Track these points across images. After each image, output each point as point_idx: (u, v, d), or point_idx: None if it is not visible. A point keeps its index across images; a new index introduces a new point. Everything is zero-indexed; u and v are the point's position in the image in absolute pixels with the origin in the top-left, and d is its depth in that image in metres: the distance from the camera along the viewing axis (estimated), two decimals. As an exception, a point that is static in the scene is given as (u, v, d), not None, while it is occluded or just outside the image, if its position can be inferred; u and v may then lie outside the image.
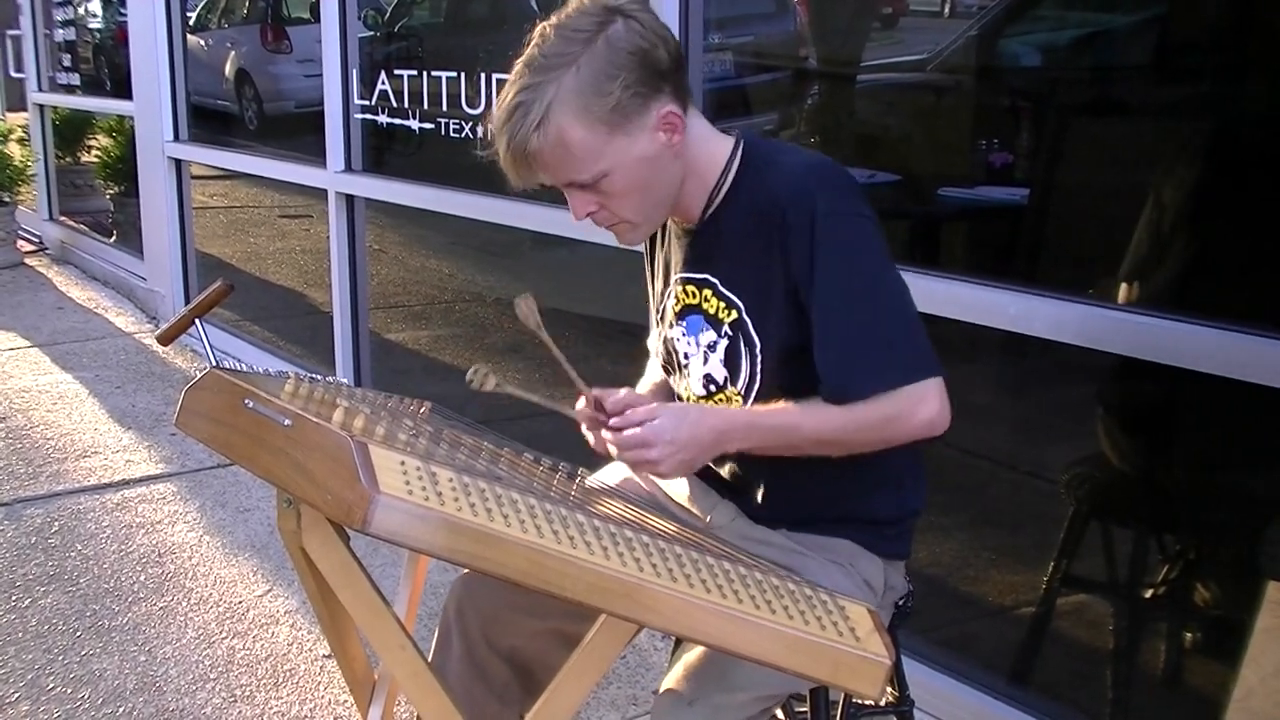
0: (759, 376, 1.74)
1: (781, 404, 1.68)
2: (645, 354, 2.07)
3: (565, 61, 1.61)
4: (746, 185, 1.74)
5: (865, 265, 1.65)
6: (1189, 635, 2.46)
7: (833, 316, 1.64)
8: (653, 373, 2.05)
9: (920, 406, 1.61)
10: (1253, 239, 2.20)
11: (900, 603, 1.92)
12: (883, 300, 1.65)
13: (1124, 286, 2.33)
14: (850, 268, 1.64)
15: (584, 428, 1.79)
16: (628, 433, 1.65)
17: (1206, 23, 2.35)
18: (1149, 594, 2.47)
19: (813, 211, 1.63)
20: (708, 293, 1.79)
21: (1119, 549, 2.49)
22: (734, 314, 1.75)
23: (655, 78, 1.64)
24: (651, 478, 1.94)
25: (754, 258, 1.71)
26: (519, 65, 1.65)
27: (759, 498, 1.84)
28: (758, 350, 1.73)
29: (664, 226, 1.90)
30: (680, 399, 1.89)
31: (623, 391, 1.78)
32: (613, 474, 1.96)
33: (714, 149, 1.77)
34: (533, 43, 1.65)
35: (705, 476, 1.91)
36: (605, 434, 1.69)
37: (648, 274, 2.00)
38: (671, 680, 1.66)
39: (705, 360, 1.80)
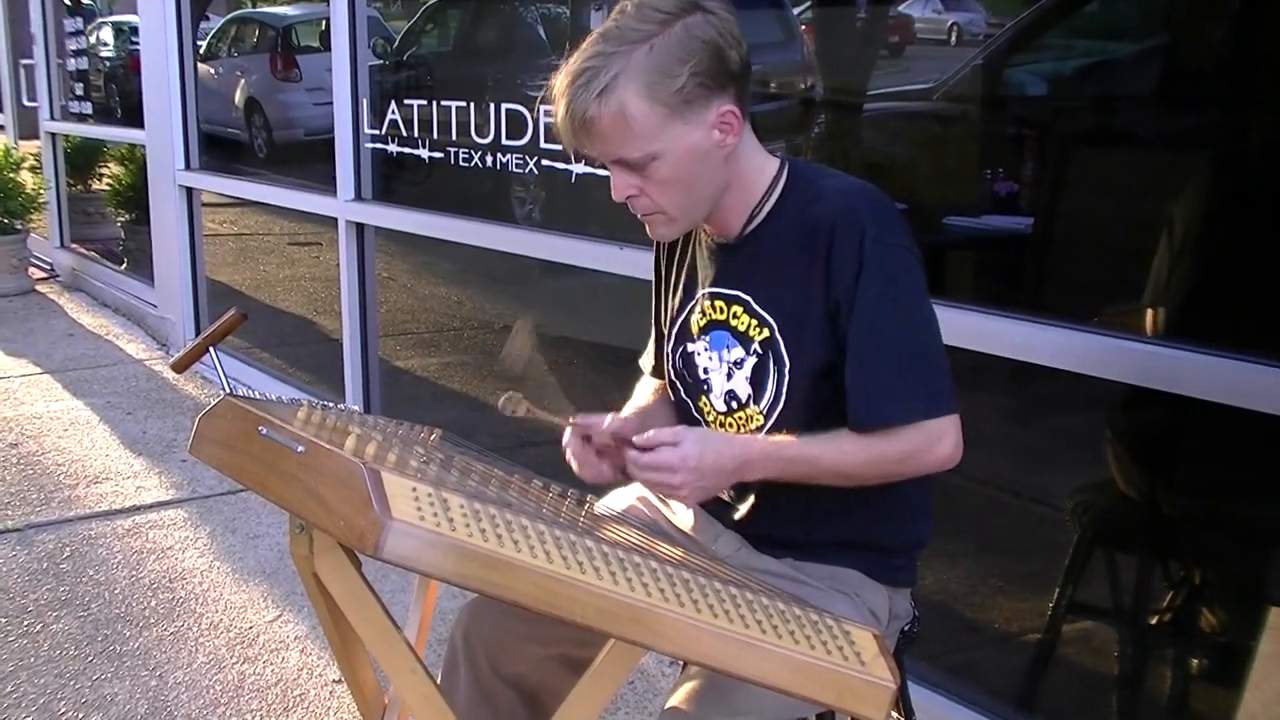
0: (784, 396, 1.75)
1: (802, 436, 1.69)
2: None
3: (640, 37, 1.62)
4: (793, 203, 1.75)
5: (906, 295, 1.67)
6: (1194, 661, 2.46)
7: (868, 340, 1.66)
8: (639, 396, 2.04)
9: (939, 444, 1.64)
10: (1259, 266, 2.21)
11: (906, 629, 1.93)
12: (918, 333, 1.67)
13: (1145, 314, 2.34)
14: (891, 295, 1.66)
15: (568, 455, 1.79)
16: (652, 456, 1.66)
17: (1212, 51, 2.37)
18: (1154, 620, 2.48)
19: (862, 233, 1.65)
20: (738, 309, 1.79)
21: (1124, 575, 2.49)
22: (765, 332, 1.75)
23: (723, 75, 1.66)
24: (656, 504, 1.96)
25: (795, 276, 1.72)
26: (594, 35, 1.66)
27: (767, 518, 1.83)
28: (786, 370, 1.74)
29: (688, 239, 1.90)
30: (693, 417, 1.89)
31: (607, 418, 1.77)
32: (619, 500, 1.97)
33: (761, 164, 1.78)
34: (612, 16, 1.66)
35: (711, 501, 1.90)
36: (629, 454, 1.69)
37: (660, 288, 2.00)
38: (674, 702, 1.67)
39: (729, 377, 1.81)
